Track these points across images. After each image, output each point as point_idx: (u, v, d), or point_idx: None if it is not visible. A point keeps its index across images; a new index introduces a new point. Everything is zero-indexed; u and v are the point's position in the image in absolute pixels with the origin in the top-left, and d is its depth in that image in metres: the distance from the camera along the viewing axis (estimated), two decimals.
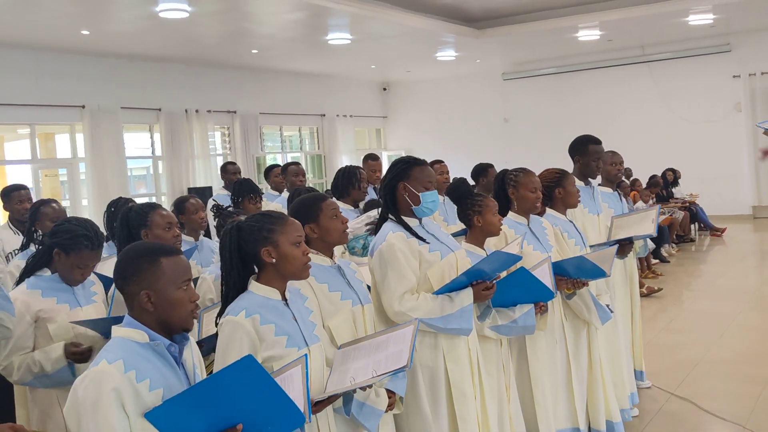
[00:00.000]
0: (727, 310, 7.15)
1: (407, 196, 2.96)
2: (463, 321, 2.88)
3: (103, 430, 1.77)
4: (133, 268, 1.94)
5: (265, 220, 2.34)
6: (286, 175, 6.01)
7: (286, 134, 15.70)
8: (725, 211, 13.60)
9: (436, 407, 2.93)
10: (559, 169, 4.06)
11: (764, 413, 4.44)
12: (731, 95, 13.85)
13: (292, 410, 1.87)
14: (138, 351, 1.88)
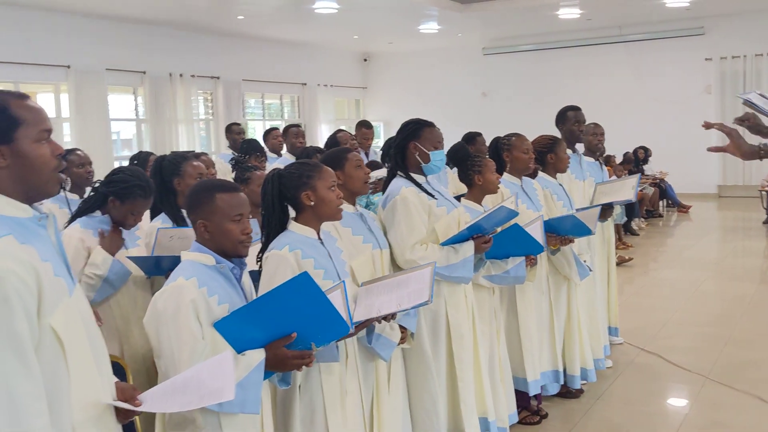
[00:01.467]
0: (692, 279, 7.62)
1: (417, 154, 3.26)
2: (465, 270, 3.21)
3: (182, 334, 2.06)
4: (195, 200, 2.23)
5: (305, 168, 2.63)
6: (286, 137, 6.26)
7: (268, 101, 15.84)
8: (692, 190, 14.11)
9: (436, 347, 3.27)
10: (551, 136, 4.40)
11: (724, 367, 4.87)
12: (703, 77, 14.31)
13: (339, 322, 2.17)
14: (206, 272, 2.17)
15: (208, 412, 2.10)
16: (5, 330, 1.54)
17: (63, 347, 1.65)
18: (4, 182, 1.67)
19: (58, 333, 1.64)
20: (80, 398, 1.70)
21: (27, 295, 1.58)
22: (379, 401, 2.85)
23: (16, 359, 1.55)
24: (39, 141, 1.69)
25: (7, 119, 1.66)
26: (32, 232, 1.68)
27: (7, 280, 1.55)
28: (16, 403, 1.53)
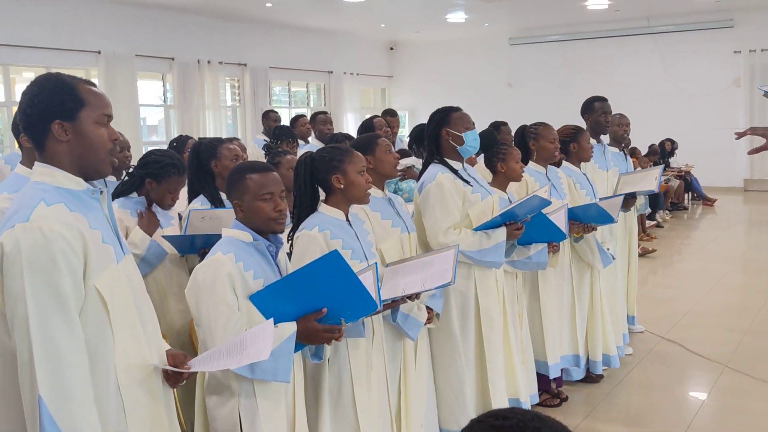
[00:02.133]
0: (714, 270, 7.63)
1: (451, 139, 3.35)
2: (496, 255, 3.31)
3: (219, 305, 2.18)
4: (230, 182, 2.37)
5: (336, 152, 2.74)
6: (314, 124, 6.38)
7: (294, 89, 15.97)
8: (718, 183, 14.03)
9: (465, 329, 3.37)
10: (575, 126, 4.46)
11: (743, 356, 4.92)
12: (731, 70, 14.18)
13: (367, 299, 2.28)
14: (244, 248, 2.29)
15: (243, 379, 2.23)
16: (50, 287, 1.67)
17: (107, 309, 1.78)
18: (63, 157, 1.80)
19: (102, 295, 1.77)
20: (125, 360, 1.83)
21: (72, 257, 1.71)
22: (407, 378, 2.96)
23: (57, 314, 1.68)
24: (99, 123, 1.83)
25: (73, 99, 1.79)
26: (84, 202, 1.81)
27: (54, 241, 1.69)
28: (56, 354, 1.66)
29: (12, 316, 1.68)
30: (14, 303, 1.67)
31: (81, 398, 1.69)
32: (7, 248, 1.68)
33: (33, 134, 1.80)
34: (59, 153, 1.80)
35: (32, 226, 1.69)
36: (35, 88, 1.80)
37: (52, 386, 1.64)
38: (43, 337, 1.65)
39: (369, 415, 2.69)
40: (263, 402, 2.26)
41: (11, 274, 1.67)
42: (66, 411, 1.65)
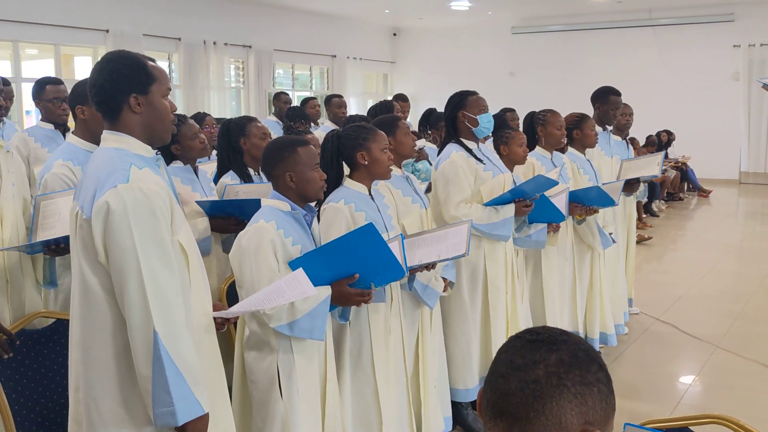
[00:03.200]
0: (708, 258, 7.88)
1: (466, 121, 3.57)
2: (504, 229, 3.53)
3: (262, 268, 2.39)
4: (278, 155, 2.54)
5: (361, 130, 2.93)
6: (329, 106, 6.57)
7: (297, 72, 16.11)
8: (714, 175, 14.27)
9: (473, 296, 3.60)
10: (579, 113, 4.67)
11: (734, 337, 5.17)
12: (730, 64, 14.38)
13: (396, 266, 2.50)
14: (283, 216, 2.49)
15: (282, 337, 2.44)
16: (154, 237, 1.89)
17: (188, 261, 2.00)
18: (136, 127, 2.00)
19: (184, 247, 1.99)
20: (197, 307, 2.05)
21: (166, 212, 1.94)
22: (424, 342, 3.19)
23: (161, 262, 1.89)
24: (164, 96, 2.04)
25: (146, 75, 2.00)
26: (156, 168, 2.02)
27: (154, 197, 1.90)
28: (164, 297, 1.88)
29: (121, 267, 1.87)
30: (124, 256, 1.86)
31: (185, 334, 1.91)
32: (113, 206, 1.87)
33: (108, 106, 2.00)
34: (132, 123, 2.00)
35: (133, 186, 1.89)
36: (112, 65, 1.99)
37: (164, 324, 1.86)
38: (154, 283, 1.86)
39: (386, 374, 2.91)
40: (299, 358, 2.48)
41: (119, 230, 1.86)
42: (176, 344, 1.87)
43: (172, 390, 1.83)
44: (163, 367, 1.83)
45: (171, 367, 1.84)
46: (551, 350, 1.05)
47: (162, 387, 1.84)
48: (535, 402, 1.01)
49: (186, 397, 1.86)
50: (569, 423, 1.01)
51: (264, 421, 2.49)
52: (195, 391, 1.88)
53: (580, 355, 1.06)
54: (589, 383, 1.04)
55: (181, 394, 1.85)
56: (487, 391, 1.07)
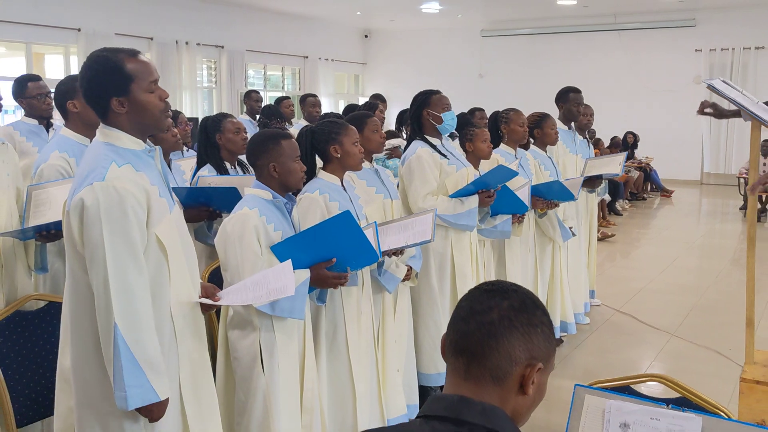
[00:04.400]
0: (668, 254, 8.21)
1: (431, 119, 3.77)
2: (469, 219, 3.74)
3: (246, 252, 2.56)
4: (262, 147, 2.70)
5: (333, 125, 3.12)
6: (304, 105, 6.75)
7: (269, 73, 16.22)
8: (676, 176, 14.70)
9: (442, 284, 3.81)
10: (541, 113, 4.92)
11: (689, 327, 5.46)
12: (692, 68, 14.81)
13: (371, 251, 2.70)
14: (265, 204, 2.67)
15: (264, 316, 2.62)
16: (124, 236, 2.03)
17: (165, 253, 2.14)
18: (124, 123, 2.14)
19: (161, 240, 2.13)
20: (177, 295, 2.19)
21: (140, 211, 2.07)
22: (384, 324, 3.38)
23: (129, 257, 2.03)
24: (149, 91, 2.14)
25: (123, 76, 2.09)
26: (144, 161, 2.16)
27: (126, 197, 2.04)
28: (128, 290, 2.02)
29: (91, 258, 2.02)
30: (93, 248, 2.01)
31: (147, 326, 2.05)
32: (87, 202, 2.01)
33: (96, 107, 2.14)
34: (120, 121, 2.13)
35: (108, 185, 2.02)
36: (89, 71, 2.10)
37: (124, 316, 2.00)
38: (118, 276, 2.00)
39: (359, 353, 3.10)
40: (280, 336, 2.66)
41: (91, 224, 2.01)
42: (135, 335, 2.01)
43: (126, 378, 1.99)
44: (120, 356, 1.98)
45: (128, 356, 1.99)
46: (504, 298, 1.25)
47: (119, 373, 1.99)
48: (490, 340, 1.21)
49: (140, 385, 2.01)
50: (517, 357, 1.21)
51: (246, 395, 2.67)
52: (152, 379, 2.03)
53: (527, 302, 1.26)
54: (534, 325, 1.24)
55: (135, 381, 2.00)
56: (450, 333, 1.27)
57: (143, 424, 2.11)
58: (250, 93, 7.64)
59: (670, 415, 1.85)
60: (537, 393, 1.25)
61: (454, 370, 1.25)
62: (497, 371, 1.21)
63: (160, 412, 2.09)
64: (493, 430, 1.18)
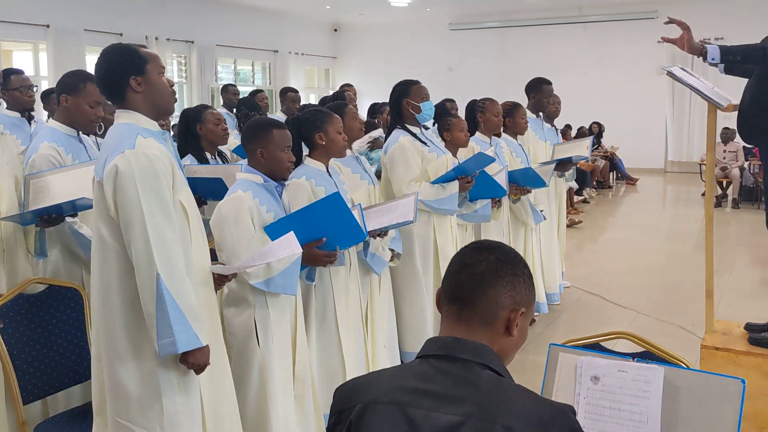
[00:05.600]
0: (634, 239, 8.52)
1: (410, 108, 3.95)
2: (451, 204, 3.94)
3: (242, 232, 2.72)
4: (254, 133, 2.86)
5: (318, 114, 3.28)
6: (284, 99, 6.91)
7: (240, 67, 16.26)
8: (641, 164, 15.08)
9: (426, 266, 4.01)
10: (512, 102, 5.13)
11: (655, 305, 5.74)
12: (655, 59, 15.19)
13: (358, 230, 2.88)
14: (257, 187, 2.82)
15: (258, 293, 2.78)
16: (157, 195, 2.20)
17: (188, 219, 2.32)
18: (140, 104, 2.32)
19: (184, 206, 2.31)
20: (196, 261, 2.36)
21: (168, 175, 2.25)
22: (373, 305, 3.57)
23: (163, 215, 2.21)
24: (160, 74, 2.35)
25: (139, 58, 2.31)
26: (161, 140, 2.34)
27: (156, 161, 2.22)
28: (166, 245, 2.19)
29: (128, 219, 2.18)
30: (130, 209, 2.18)
31: (184, 277, 2.22)
32: (121, 168, 2.18)
33: (114, 91, 2.30)
34: (137, 101, 2.31)
35: (138, 151, 2.20)
36: (109, 56, 2.31)
37: (166, 267, 2.17)
38: (156, 232, 2.17)
39: (348, 330, 3.29)
40: (274, 312, 2.82)
41: (126, 187, 2.17)
42: (176, 285, 2.18)
43: (173, 323, 2.16)
44: (165, 304, 2.15)
45: (172, 304, 2.16)
46: (491, 252, 1.44)
47: (164, 321, 2.16)
48: (479, 288, 1.40)
49: (185, 330, 2.18)
50: (503, 303, 1.40)
51: (243, 368, 2.82)
52: (194, 326, 2.20)
53: (511, 256, 1.45)
54: (517, 275, 1.43)
55: (181, 327, 2.17)
56: (444, 285, 1.46)
57: (176, 380, 2.28)
58: (228, 87, 7.77)
59: (636, 367, 2.06)
60: (520, 335, 1.44)
61: (449, 316, 1.43)
62: (486, 315, 1.39)
63: (204, 357, 2.26)
64: (483, 364, 1.36)
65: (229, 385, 2.57)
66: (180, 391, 2.30)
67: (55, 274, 3.11)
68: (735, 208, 10.92)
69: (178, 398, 2.30)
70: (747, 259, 7.67)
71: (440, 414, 1.30)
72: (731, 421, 1.94)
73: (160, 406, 2.27)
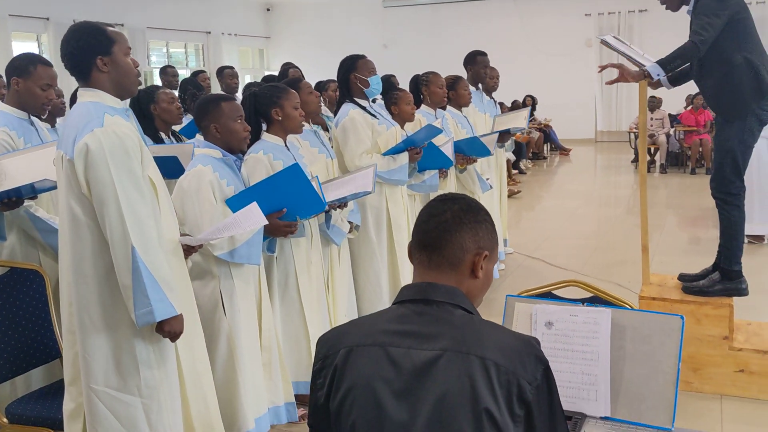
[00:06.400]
0: (570, 206, 8.86)
1: (358, 82, 4.05)
2: (401, 174, 4.07)
3: (204, 205, 2.79)
4: (204, 109, 2.92)
5: (275, 90, 3.35)
6: (222, 77, 6.87)
7: (172, 50, 15.98)
8: (573, 135, 15.55)
9: (380, 236, 4.13)
10: (454, 75, 5.29)
11: (592, 265, 6.05)
12: (583, 32, 15.64)
13: (318, 200, 2.98)
14: (216, 162, 2.89)
15: (222, 265, 2.86)
16: (128, 170, 2.26)
17: (157, 194, 2.38)
18: (105, 83, 2.35)
19: (153, 181, 2.38)
20: (167, 234, 2.44)
21: (137, 151, 2.31)
22: (333, 273, 3.70)
23: (135, 190, 2.27)
24: (126, 55, 2.38)
25: (107, 38, 2.34)
26: (126, 118, 2.38)
27: (125, 138, 2.27)
28: (140, 220, 2.26)
29: (101, 195, 2.23)
30: (103, 187, 2.23)
31: (158, 249, 2.29)
32: (91, 146, 2.22)
33: (79, 69, 2.34)
34: (102, 80, 2.34)
35: (107, 129, 2.25)
36: (77, 34, 2.34)
37: (140, 240, 2.23)
38: (129, 207, 2.23)
39: (310, 300, 3.40)
40: (239, 282, 2.92)
41: (98, 165, 2.22)
42: (150, 257, 2.25)
43: (150, 293, 2.24)
44: (141, 276, 2.23)
45: (147, 275, 2.23)
46: (454, 203, 1.57)
47: (141, 292, 2.23)
48: (446, 234, 1.53)
49: (161, 300, 2.26)
50: (468, 246, 1.54)
51: (210, 339, 2.91)
52: (169, 296, 2.29)
53: (473, 205, 1.59)
54: (479, 222, 1.57)
55: (157, 296, 2.25)
56: (414, 236, 1.59)
57: (151, 345, 2.37)
58: (167, 68, 7.70)
59: (586, 311, 2.25)
60: (485, 277, 1.59)
61: (420, 263, 1.57)
62: (453, 259, 1.53)
63: (179, 325, 2.35)
64: (455, 304, 1.51)
65: (202, 347, 2.67)
66: (156, 357, 2.39)
67: (12, 257, 3.12)
68: (663, 173, 11.44)
69: (155, 365, 2.39)
70: (676, 220, 8.09)
71: (419, 350, 1.44)
72: (672, 354, 2.14)
73: (137, 372, 2.36)
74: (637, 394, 2.15)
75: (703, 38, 3.38)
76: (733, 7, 3.44)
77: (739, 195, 3.64)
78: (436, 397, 1.39)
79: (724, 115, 3.59)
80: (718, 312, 3.65)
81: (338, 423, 1.48)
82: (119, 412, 2.37)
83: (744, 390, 3.62)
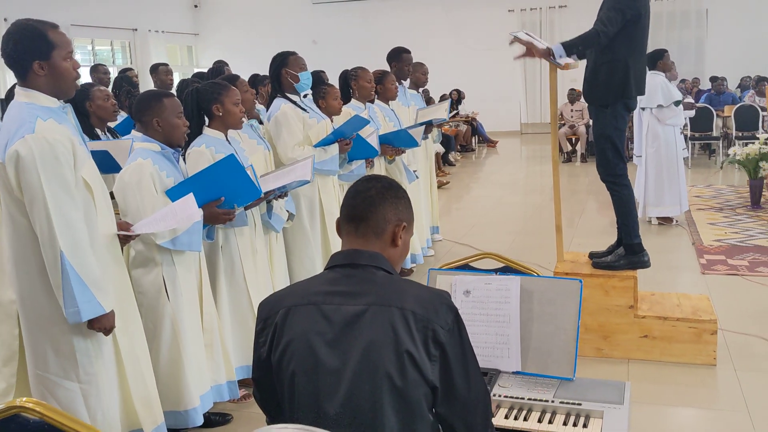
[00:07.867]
0: (496, 195, 9.26)
1: (289, 78, 4.25)
2: (332, 165, 4.29)
3: (146, 197, 2.93)
4: (146, 104, 3.06)
5: (216, 86, 3.50)
6: (156, 74, 6.93)
7: (98, 48, 15.73)
8: (499, 128, 16.07)
9: (313, 224, 4.34)
10: (381, 70, 5.53)
11: (516, 248, 6.41)
12: (507, 27, 16.09)
13: (253, 188, 3.17)
14: (156, 155, 3.04)
15: (164, 252, 3.03)
16: (58, 176, 2.38)
17: (92, 192, 2.52)
18: (41, 85, 2.46)
19: (87, 181, 2.50)
20: (103, 229, 2.58)
21: (68, 156, 2.42)
22: (273, 261, 3.88)
23: (66, 195, 2.40)
24: (66, 59, 2.47)
25: (46, 42, 2.42)
26: (62, 116, 2.50)
27: (56, 145, 2.39)
28: (69, 224, 2.39)
29: (32, 200, 2.34)
30: (33, 191, 2.34)
31: (88, 251, 2.43)
32: (22, 153, 2.33)
33: (16, 69, 2.43)
34: (38, 83, 2.43)
35: (38, 136, 2.35)
36: (16, 35, 2.40)
37: (68, 244, 2.36)
38: (58, 212, 2.35)
39: (257, 286, 3.58)
40: (180, 268, 3.08)
41: (28, 171, 2.33)
42: (79, 259, 2.39)
43: (77, 295, 2.39)
44: (69, 278, 2.37)
45: (75, 277, 2.38)
46: (378, 181, 1.82)
47: (69, 293, 2.39)
48: (371, 206, 1.77)
49: (88, 301, 2.42)
50: (389, 218, 1.78)
51: (155, 323, 3.07)
52: (97, 295, 2.44)
53: (393, 184, 1.83)
54: (399, 197, 1.81)
55: (84, 298, 2.41)
56: (342, 211, 1.82)
57: (87, 336, 2.52)
58: (98, 66, 7.68)
59: (498, 279, 2.54)
60: (403, 246, 1.83)
61: (348, 234, 1.80)
62: (377, 228, 1.77)
63: (110, 322, 2.51)
64: (379, 267, 1.75)
65: (140, 331, 2.85)
66: (93, 346, 2.57)
67: None
68: (583, 162, 12.00)
69: (92, 353, 2.57)
70: (595, 206, 8.56)
71: (348, 306, 1.67)
72: (573, 314, 2.44)
73: (75, 360, 2.53)
74: (543, 351, 2.44)
75: (606, 31, 3.71)
76: (641, 9, 3.77)
77: (624, 175, 4.01)
78: (363, 344, 1.62)
79: (595, 101, 3.95)
80: (623, 284, 4.01)
81: (279, 373, 1.70)
82: (60, 397, 2.55)
83: (648, 353, 4.00)
